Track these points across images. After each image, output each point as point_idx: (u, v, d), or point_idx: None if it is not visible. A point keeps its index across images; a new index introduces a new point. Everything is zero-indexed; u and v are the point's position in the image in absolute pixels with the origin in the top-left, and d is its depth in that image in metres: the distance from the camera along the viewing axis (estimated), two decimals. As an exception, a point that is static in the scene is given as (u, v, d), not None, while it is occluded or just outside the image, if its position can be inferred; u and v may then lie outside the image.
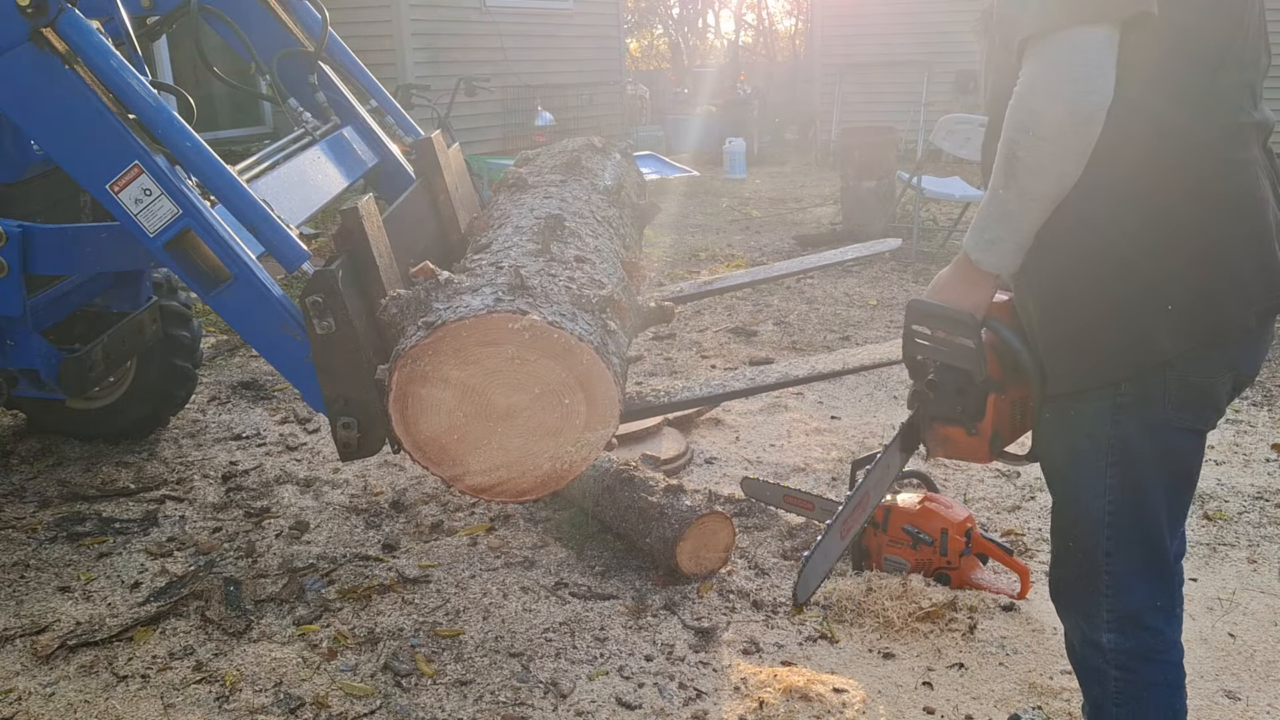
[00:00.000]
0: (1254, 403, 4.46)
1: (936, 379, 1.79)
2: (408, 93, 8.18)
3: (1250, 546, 3.23)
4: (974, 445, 1.80)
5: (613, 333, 2.23)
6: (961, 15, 12.01)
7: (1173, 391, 1.63)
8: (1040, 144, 1.50)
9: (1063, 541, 1.82)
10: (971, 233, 1.66)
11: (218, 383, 4.82)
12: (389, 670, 2.62)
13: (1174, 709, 1.81)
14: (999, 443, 1.80)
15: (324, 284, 2.19)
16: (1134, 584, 1.75)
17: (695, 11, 26.42)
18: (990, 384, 1.74)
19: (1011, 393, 1.77)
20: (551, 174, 3.00)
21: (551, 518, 3.44)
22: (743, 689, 2.53)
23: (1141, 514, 1.71)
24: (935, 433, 1.84)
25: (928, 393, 1.82)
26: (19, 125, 2.49)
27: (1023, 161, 1.53)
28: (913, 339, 1.79)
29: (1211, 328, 1.59)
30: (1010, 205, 1.58)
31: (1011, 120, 1.53)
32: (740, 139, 12.35)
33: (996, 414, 1.76)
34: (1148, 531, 1.73)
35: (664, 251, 7.89)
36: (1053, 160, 1.51)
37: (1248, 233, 1.59)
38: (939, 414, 1.81)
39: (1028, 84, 1.50)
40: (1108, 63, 1.46)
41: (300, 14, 3.39)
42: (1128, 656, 1.77)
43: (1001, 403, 1.77)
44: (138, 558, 3.22)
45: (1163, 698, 1.79)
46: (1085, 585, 1.79)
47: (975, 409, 1.76)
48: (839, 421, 4.36)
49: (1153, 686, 1.78)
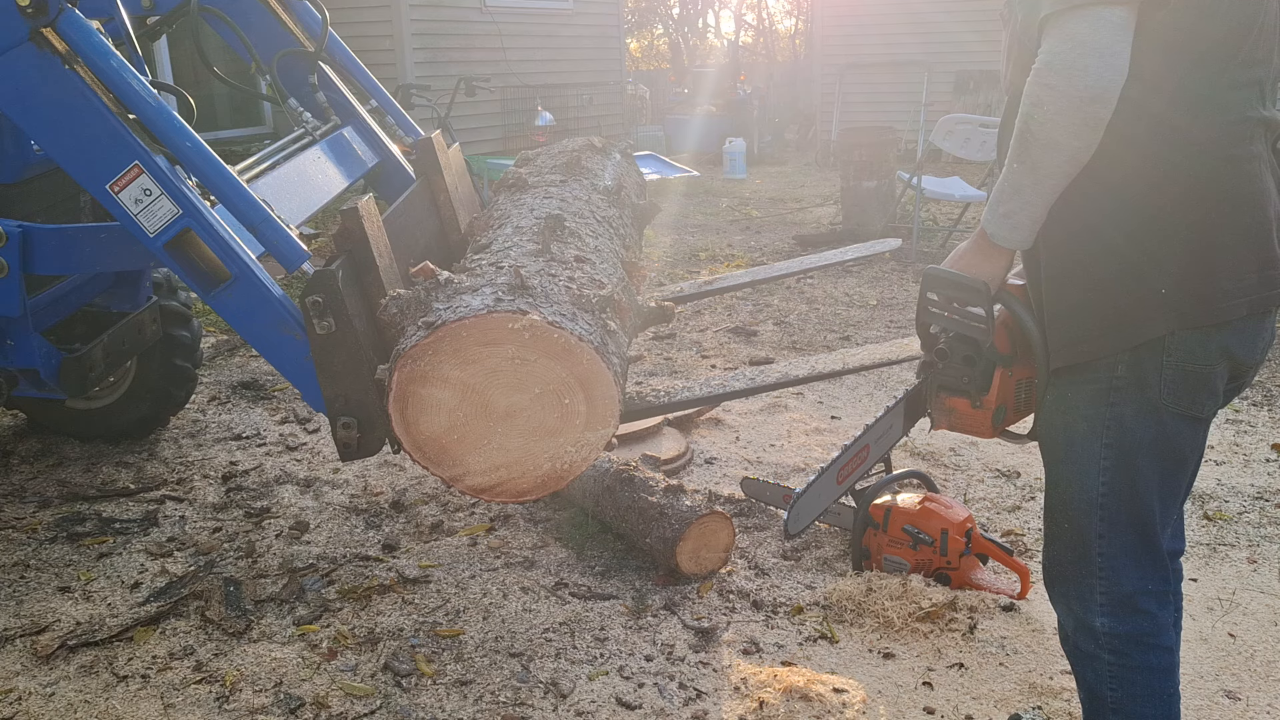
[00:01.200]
0: (1254, 403, 4.46)
1: (946, 348, 1.84)
2: (408, 93, 8.18)
3: (1250, 546, 3.23)
4: (978, 418, 1.84)
5: (613, 333, 2.23)
6: (962, 15, 12.02)
7: (1167, 375, 1.66)
8: (1055, 119, 1.55)
9: (1057, 522, 1.85)
10: (988, 207, 1.71)
11: (218, 383, 4.82)
12: (389, 670, 2.62)
13: (1167, 692, 1.83)
14: (1002, 418, 1.85)
15: (324, 284, 2.19)
16: (1127, 567, 1.78)
17: (695, 11, 26.43)
18: (998, 358, 1.79)
19: (1019, 370, 1.82)
20: (551, 174, 3.00)
21: (551, 518, 3.44)
22: (743, 689, 2.53)
23: (1134, 497, 1.74)
24: (941, 403, 1.89)
25: (936, 362, 1.86)
26: (19, 125, 2.48)
27: (1036, 136, 1.58)
28: (926, 307, 1.84)
29: (1201, 313, 1.63)
30: (1024, 179, 1.63)
31: (1028, 95, 1.58)
32: (740, 139, 12.35)
33: (1002, 389, 1.81)
34: (1140, 515, 1.76)
35: (664, 251, 7.89)
36: (1066, 136, 1.56)
37: (1245, 226, 1.62)
38: (946, 384, 1.86)
39: (1045, 60, 1.55)
40: (1124, 42, 1.51)
41: (300, 14, 3.39)
42: (1121, 640, 1.80)
43: (1008, 379, 1.81)
44: (138, 558, 3.22)
45: (1156, 682, 1.82)
46: (1078, 568, 1.82)
47: (982, 381, 1.81)
48: (839, 421, 4.36)
49: (1146, 670, 1.81)
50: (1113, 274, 1.65)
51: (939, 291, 1.81)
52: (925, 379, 1.92)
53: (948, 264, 1.81)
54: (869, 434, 2.20)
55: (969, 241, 1.79)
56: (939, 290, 1.81)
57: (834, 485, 2.41)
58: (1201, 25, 1.56)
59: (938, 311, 1.82)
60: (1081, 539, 1.80)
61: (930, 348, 1.88)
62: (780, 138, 15.12)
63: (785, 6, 28.18)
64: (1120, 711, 1.82)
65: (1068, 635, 1.89)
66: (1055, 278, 1.71)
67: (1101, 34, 1.50)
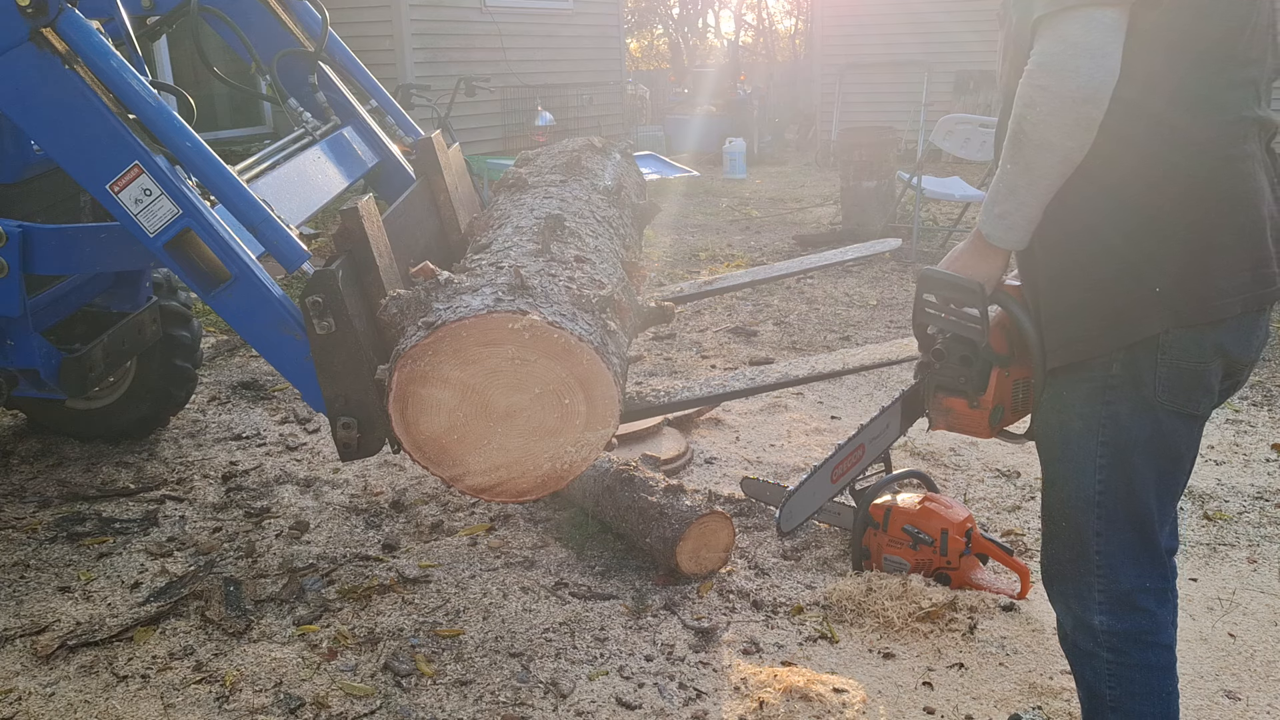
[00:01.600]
0: (1254, 403, 4.46)
1: (943, 349, 1.85)
2: (408, 93, 8.18)
3: (1250, 546, 3.23)
4: (975, 418, 1.85)
5: (613, 333, 2.23)
6: (962, 15, 12.02)
7: (1163, 374, 1.68)
8: (1048, 119, 1.56)
9: (1055, 521, 1.86)
10: (984, 209, 1.73)
11: (218, 383, 4.82)
12: (389, 670, 2.62)
13: (1165, 690, 1.84)
14: (999, 418, 1.86)
15: (324, 284, 2.19)
16: (1125, 564, 1.79)
17: (695, 11, 26.44)
18: (995, 358, 1.80)
19: (1015, 370, 1.83)
20: (551, 174, 3.00)
21: (551, 518, 3.44)
22: (743, 689, 2.53)
23: (1131, 495, 1.75)
24: (938, 403, 1.90)
25: (934, 362, 1.88)
26: (19, 125, 2.48)
27: (1030, 137, 1.59)
28: (923, 308, 1.86)
29: (1196, 310, 1.64)
30: (1018, 180, 1.65)
31: (1021, 96, 1.59)
32: (740, 139, 12.35)
33: (999, 389, 1.82)
34: (1137, 512, 1.77)
35: (664, 251, 7.89)
36: (1059, 136, 1.57)
37: (1239, 225, 1.63)
38: (943, 384, 1.88)
39: (1038, 61, 1.56)
40: (1116, 43, 1.52)
41: (300, 14, 3.39)
42: (1119, 639, 1.81)
43: (1005, 379, 1.83)
44: (138, 558, 3.22)
45: (1155, 680, 1.83)
46: (1076, 566, 1.83)
47: (979, 381, 1.82)
48: (839, 421, 4.36)
49: (1145, 669, 1.82)
50: (1110, 273, 1.66)
51: (935, 292, 1.82)
52: (922, 379, 1.94)
53: (944, 265, 1.82)
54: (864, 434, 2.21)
55: (965, 242, 1.81)
56: (935, 291, 1.82)
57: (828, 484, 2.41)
58: (1199, 25, 1.57)
59: (934, 312, 1.84)
60: (1079, 537, 1.81)
61: (927, 348, 1.89)
62: (780, 138, 15.12)
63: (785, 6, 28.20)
64: (1119, 710, 1.83)
65: (1066, 634, 1.90)
66: (1054, 278, 1.72)
67: (1093, 35, 1.52)
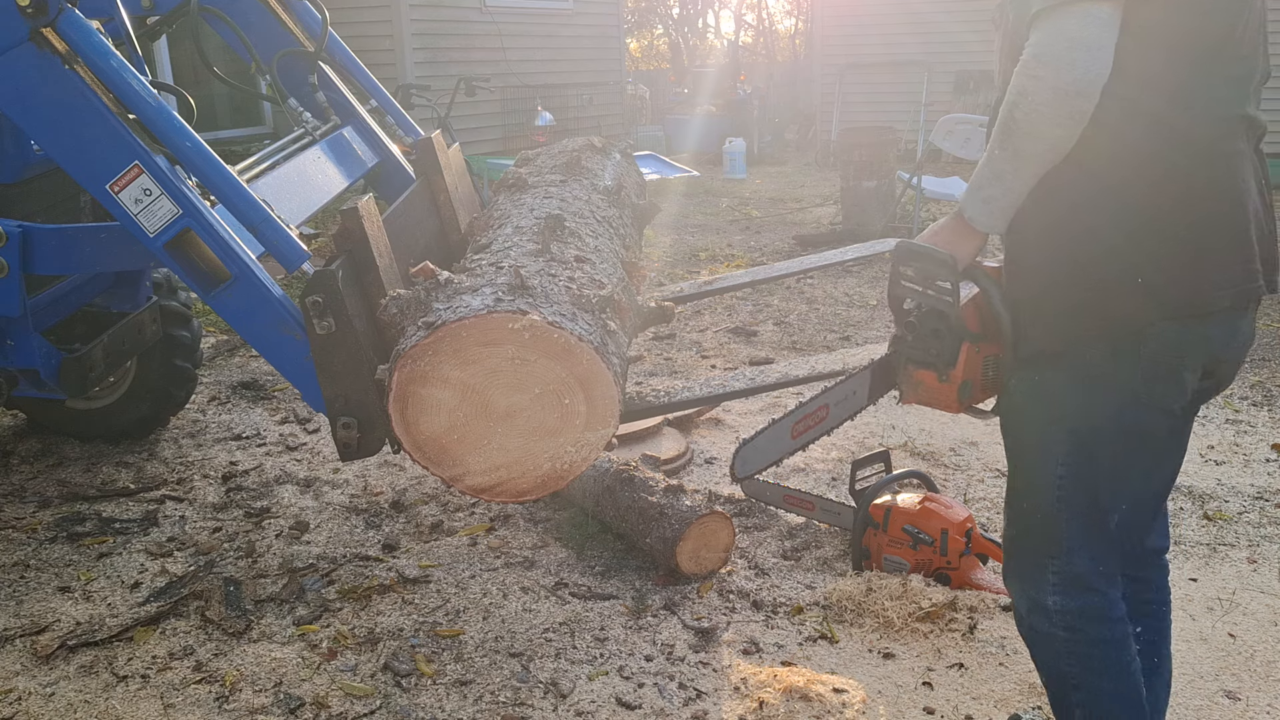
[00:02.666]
0: (1254, 403, 4.46)
1: (916, 321, 1.89)
2: (408, 93, 8.18)
3: (1250, 546, 3.23)
4: (943, 392, 1.88)
5: (613, 333, 2.23)
6: (961, 15, 12.01)
7: (1143, 366, 1.70)
8: (1039, 109, 1.60)
9: (1016, 503, 1.89)
10: (968, 191, 1.76)
11: (218, 383, 4.82)
12: (389, 670, 2.62)
13: (1123, 663, 1.86)
14: (967, 393, 1.88)
15: (324, 284, 2.19)
16: (1079, 548, 1.82)
17: (695, 11, 26.46)
18: (966, 333, 1.83)
19: (986, 348, 1.86)
20: (551, 174, 3.00)
21: (551, 518, 3.44)
22: (743, 689, 2.53)
23: (1091, 481, 1.78)
24: (909, 375, 1.94)
25: (906, 335, 1.91)
26: (19, 125, 2.49)
27: (1019, 124, 1.63)
28: (899, 280, 1.90)
29: (1182, 303, 1.66)
30: (1005, 165, 1.68)
31: (1014, 86, 1.62)
32: (740, 139, 12.35)
33: (969, 364, 1.85)
34: (1095, 499, 1.80)
35: (664, 251, 7.89)
36: (1049, 125, 1.61)
37: (1227, 219, 1.65)
38: (914, 356, 1.92)
39: (1033, 52, 1.60)
40: (1110, 38, 1.55)
41: (300, 14, 3.39)
42: (1073, 617, 1.84)
43: (975, 354, 1.85)
44: (138, 558, 3.22)
45: (1113, 653, 1.85)
46: (1034, 548, 1.86)
47: (949, 355, 1.85)
48: (839, 421, 4.36)
49: (1101, 643, 1.85)
50: (1098, 263, 1.68)
51: (910, 264, 1.86)
52: (895, 351, 1.97)
53: (921, 238, 1.86)
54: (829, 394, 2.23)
55: (945, 220, 1.84)
56: (910, 263, 1.86)
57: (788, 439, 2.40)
58: (1198, 23, 1.59)
59: (910, 285, 1.88)
60: (1039, 519, 1.84)
61: (902, 321, 1.93)
62: (780, 138, 15.12)
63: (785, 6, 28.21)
64: (1082, 688, 1.86)
65: (1023, 618, 1.93)
66: (1042, 267, 1.74)
67: (1089, 29, 1.54)
